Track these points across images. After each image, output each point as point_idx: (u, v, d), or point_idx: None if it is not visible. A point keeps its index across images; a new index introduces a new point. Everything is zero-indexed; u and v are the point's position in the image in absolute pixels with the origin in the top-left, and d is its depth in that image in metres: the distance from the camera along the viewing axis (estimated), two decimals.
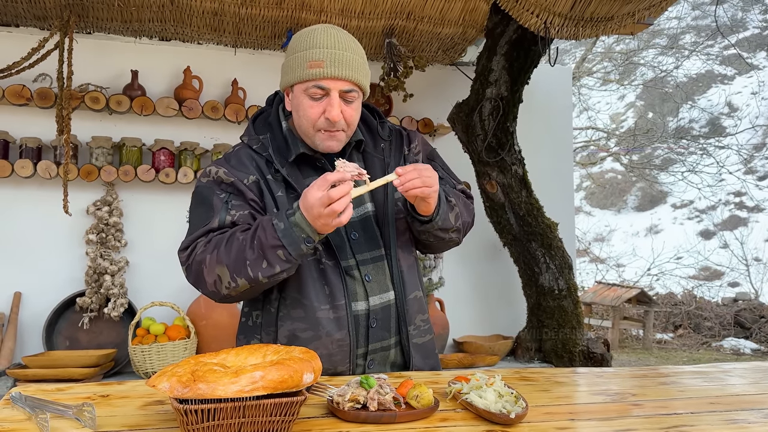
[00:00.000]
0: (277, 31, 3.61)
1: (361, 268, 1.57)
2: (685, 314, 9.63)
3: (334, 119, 1.51)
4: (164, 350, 3.05)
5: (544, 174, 3.96)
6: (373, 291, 1.57)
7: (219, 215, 1.50)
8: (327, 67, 1.49)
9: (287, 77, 1.56)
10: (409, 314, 1.61)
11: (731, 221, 16.52)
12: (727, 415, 1.24)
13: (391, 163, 1.66)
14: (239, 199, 1.53)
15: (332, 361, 1.53)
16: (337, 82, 1.51)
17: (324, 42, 1.51)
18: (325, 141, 1.55)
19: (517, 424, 1.13)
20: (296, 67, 1.53)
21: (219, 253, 1.43)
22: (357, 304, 1.56)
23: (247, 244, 1.41)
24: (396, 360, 1.63)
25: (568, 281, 3.55)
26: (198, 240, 1.50)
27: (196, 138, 3.58)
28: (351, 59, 1.53)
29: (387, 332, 1.59)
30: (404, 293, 1.61)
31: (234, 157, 1.60)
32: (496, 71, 3.49)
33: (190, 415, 0.98)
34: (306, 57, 1.51)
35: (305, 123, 1.55)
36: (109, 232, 3.33)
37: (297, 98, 1.55)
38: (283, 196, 1.54)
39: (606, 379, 1.55)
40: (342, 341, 1.52)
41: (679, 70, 15.72)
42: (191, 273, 1.51)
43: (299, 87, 1.53)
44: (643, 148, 14.10)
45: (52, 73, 3.21)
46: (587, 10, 3.13)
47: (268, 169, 1.57)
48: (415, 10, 3.49)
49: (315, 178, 1.50)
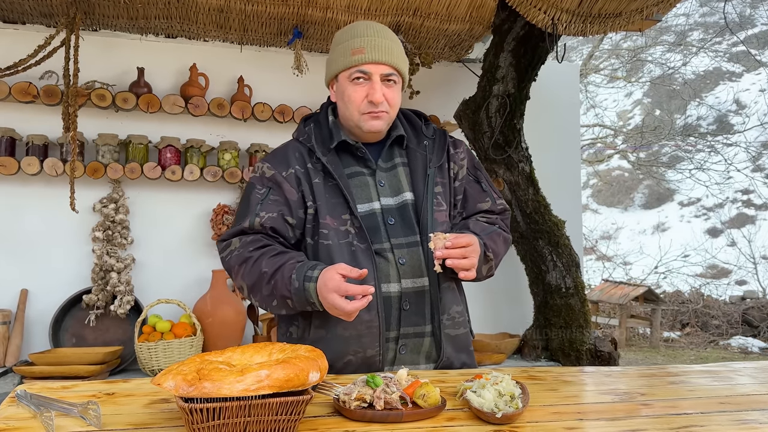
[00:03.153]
0: (283, 28, 3.60)
1: (396, 252, 1.62)
2: (692, 312, 9.59)
3: (377, 101, 1.62)
4: (170, 347, 3.05)
5: (551, 171, 3.94)
6: (406, 274, 1.61)
7: (250, 216, 1.62)
8: (368, 52, 1.62)
9: (331, 68, 1.70)
10: (443, 303, 1.64)
11: (739, 219, 16.43)
12: (738, 415, 1.22)
13: (433, 159, 1.73)
14: (277, 193, 1.65)
15: (361, 343, 1.57)
16: (378, 66, 1.63)
17: (364, 31, 1.66)
18: (369, 121, 1.66)
19: (513, 423, 1.12)
20: (339, 57, 1.66)
21: (245, 270, 1.57)
22: (389, 286, 1.60)
23: (266, 279, 1.53)
24: (430, 351, 1.65)
25: (575, 279, 3.53)
26: (233, 238, 1.64)
27: (202, 135, 3.58)
28: (389, 46, 1.66)
29: (421, 318, 1.62)
30: (438, 281, 1.64)
31: (279, 152, 1.74)
32: (503, 68, 3.47)
33: (195, 413, 0.97)
34: (348, 46, 1.65)
35: (350, 107, 1.66)
36: (116, 229, 3.34)
37: (342, 86, 1.67)
38: (320, 183, 1.65)
39: (614, 379, 1.53)
40: (371, 322, 1.56)
41: (687, 67, 15.65)
42: (225, 266, 1.66)
43: (343, 75, 1.66)
44: (650, 146, 14.05)
45: (59, 70, 3.21)
46: (595, 6, 3.11)
47: (309, 159, 1.68)
48: (422, 6, 3.47)
49: (356, 166, 1.70)
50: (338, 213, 1.62)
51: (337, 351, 1.57)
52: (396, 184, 1.69)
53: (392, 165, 1.73)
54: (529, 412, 1.20)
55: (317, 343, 1.56)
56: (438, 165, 1.73)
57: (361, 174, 1.69)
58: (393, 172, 1.71)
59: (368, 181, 1.68)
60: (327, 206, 1.62)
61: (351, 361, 1.58)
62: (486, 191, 1.82)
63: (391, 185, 1.69)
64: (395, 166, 1.72)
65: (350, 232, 1.61)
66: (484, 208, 1.81)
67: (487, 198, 1.81)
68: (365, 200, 1.65)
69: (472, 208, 1.80)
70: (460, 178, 1.79)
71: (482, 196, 1.81)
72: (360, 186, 1.67)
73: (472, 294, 3.91)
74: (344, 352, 1.58)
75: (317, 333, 1.61)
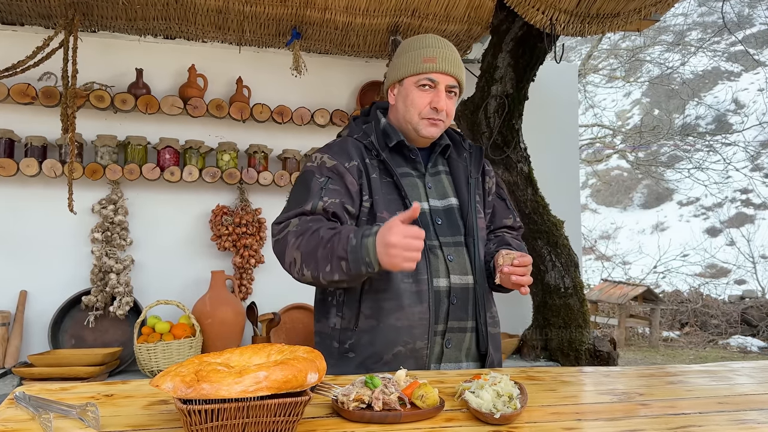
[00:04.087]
0: (282, 29, 3.60)
1: (444, 249, 1.71)
2: (691, 312, 9.59)
3: (441, 108, 1.72)
4: (170, 348, 3.05)
5: (549, 172, 3.94)
6: (454, 270, 1.70)
7: (313, 199, 1.63)
8: (439, 63, 1.73)
9: (399, 71, 1.78)
10: (486, 301, 1.76)
11: (738, 218, 16.44)
12: (736, 415, 1.22)
13: (472, 170, 1.85)
14: (337, 183, 1.67)
15: (412, 335, 1.62)
16: (446, 77, 1.74)
17: (435, 43, 1.76)
18: (427, 127, 1.75)
19: (511, 424, 1.12)
20: (409, 63, 1.75)
21: (302, 240, 1.56)
22: (438, 281, 1.67)
23: (323, 242, 1.52)
24: (471, 347, 1.73)
25: (574, 279, 3.53)
26: (292, 219, 1.63)
27: (200, 136, 3.58)
28: (458, 60, 1.77)
29: (465, 313, 1.71)
30: (483, 281, 1.75)
31: (337, 146, 1.78)
32: (501, 68, 3.47)
33: (193, 415, 0.98)
34: (420, 54, 1.74)
35: (412, 110, 1.75)
36: (115, 230, 3.34)
37: (406, 89, 1.76)
38: (376, 179, 1.71)
39: (613, 379, 1.54)
40: (422, 314, 1.63)
41: (686, 66, 15.66)
42: (278, 246, 1.63)
43: (411, 80, 1.75)
44: (649, 146, 14.05)
45: (57, 71, 3.21)
46: (593, 6, 3.11)
47: (367, 154, 1.75)
48: (420, 7, 3.47)
49: (406, 168, 1.78)
50: (393, 208, 1.68)
51: (387, 341, 1.62)
52: (442, 189, 1.81)
53: (437, 171, 1.84)
54: (527, 412, 1.20)
55: (367, 333, 1.62)
56: (476, 177, 1.84)
57: (411, 176, 1.78)
58: (438, 177, 1.83)
59: (417, 182, 1.78)
60: (383, 201, 1.69)
61: (401, 352, 1.62)
62: (510, 209, 1.97)
63: (437, 189, 1.80)
64: (439, 173, 1.84)
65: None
66: (508, 224, 1.96)
67: (510, 215, 1.97)
68: (415, 200, 1.73)
69: (498, 222, 1.95)
70: (492, 193, 1.93)
71: (507, 213, 1.97)
72: (410, 186, 1.75)
73: None
74: (395, 342, 1.62)
75: (368, 323, 1.64)
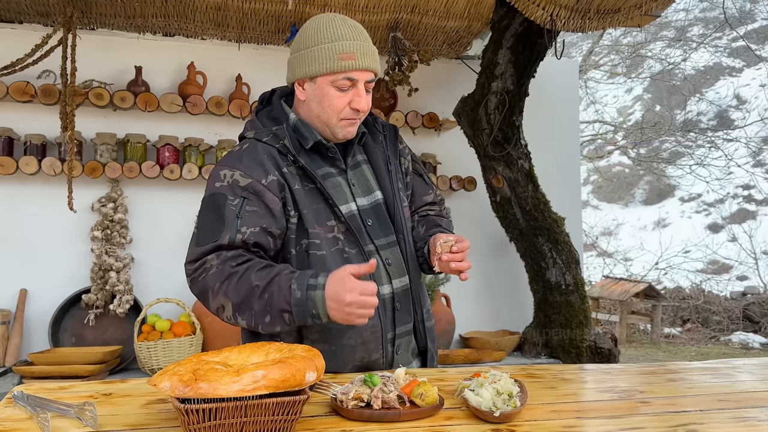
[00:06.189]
0: (281, 26, 3.60)
1: (381, 253, 1.60)
2: (693, 308, 9.58)
3: (363, 110, 1.56)
4: (170, 347, 3.04)
5: (550, 168, 3.93)
6: (394, 274, 1.61)
7: (230, 231, 1.44)
8: (358, 59, 1.52)
9: (311, 67, 1.54)
10: (421, 297, 1.68)
11: (740, 214, 16.41)
12: (737, 412, 1.22)
13: (390, 155, 1.71)
14: (254, 203, 1.48)
15: (367, 349, 1.55)
16: (365, 73, 1.55)
17: (348, 34, 1.54)
18: (346, 128, 1.58)
19: (511, 422, 1.12)
20: (323, 59, 1.52)
21: (229, 287, 1.41)
22: (383, 288, 1.58)
23: (258, 293, 1.39)
24: (414, 346, 1.67)
25: (575, 276, 3.53)
26: (207, 256, 1.46)
27: (200, 134, 3.57)
28: (373, 50, 1.57)
29: (408, 315, 1.64)
30: (417, 276, 1.67)
31: (246, 156, 1.53)
32: (501, 65, 3.46)
33: (191, 414, 0.97)
34: (335, 49, 1.51)
35: (329, 112, 1.55)
36: (114, 228, 3.33)
37: (321, 89, 1.54)
38: (299, 189, 1.53)
39: (614, 376, 1.53)
40: (374, 327, 1.54)
41: (687, 62, 15.60)
42: (196, 288, 1.49)
43: (326, 78, 1.53)
44: (650, 142, 14.01)
45: (56, 69, 3.20)
46: (594, 2, 3.10)
47: (283, 161, 1.54)
48: (420, 3, 3.46)
49: (326, 167, 1.59)
50: (324, 220, 1.53)
51: (342, 361, 1.53)
52: (365, 183, 1.65)
53: (356, 163, 1.67)
54: (527, 410, 1.19)
55: None
56: (395, 163, 1.72)
57: (332, 175, 1.60)
58: (359, 170, 1.67)
59: (340, 182, 1.61)
60: (312, 214, 1.52)
61: (356, 367, 1.55)
62: (428, 184, 1.84)
63: (361, 184, 1.64)
64: (359, 164, 1.68)
65: (339, 239, 1.54)
66: (429, 201, 1.83)
67: (430, 190, 1.83)
68: (343, 202, 1.58)
69: (419, 201, 1.82)
70: (410, 172, 1.80)
71: (426, 189, 1.83)
72: (334, 188, 1.58)
73: (472, 291, 3.94)
74: (350, 360, 1.54)
75: (318, 347, 1.41)
